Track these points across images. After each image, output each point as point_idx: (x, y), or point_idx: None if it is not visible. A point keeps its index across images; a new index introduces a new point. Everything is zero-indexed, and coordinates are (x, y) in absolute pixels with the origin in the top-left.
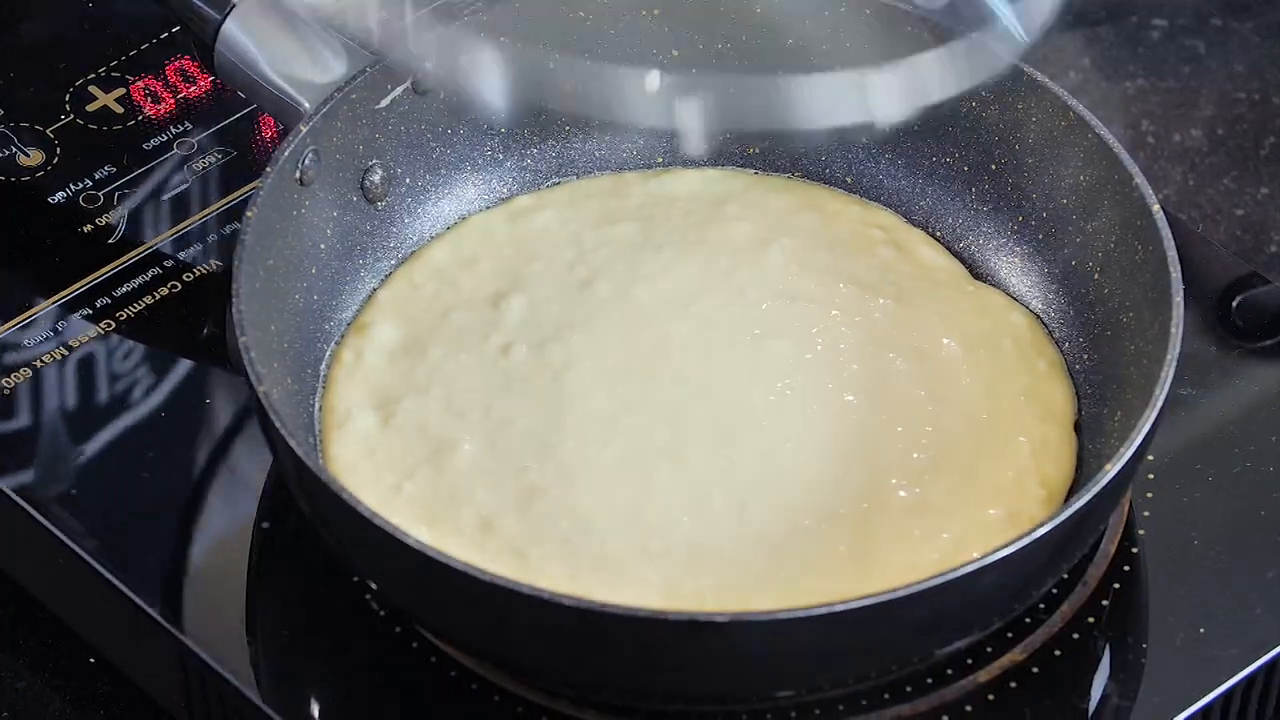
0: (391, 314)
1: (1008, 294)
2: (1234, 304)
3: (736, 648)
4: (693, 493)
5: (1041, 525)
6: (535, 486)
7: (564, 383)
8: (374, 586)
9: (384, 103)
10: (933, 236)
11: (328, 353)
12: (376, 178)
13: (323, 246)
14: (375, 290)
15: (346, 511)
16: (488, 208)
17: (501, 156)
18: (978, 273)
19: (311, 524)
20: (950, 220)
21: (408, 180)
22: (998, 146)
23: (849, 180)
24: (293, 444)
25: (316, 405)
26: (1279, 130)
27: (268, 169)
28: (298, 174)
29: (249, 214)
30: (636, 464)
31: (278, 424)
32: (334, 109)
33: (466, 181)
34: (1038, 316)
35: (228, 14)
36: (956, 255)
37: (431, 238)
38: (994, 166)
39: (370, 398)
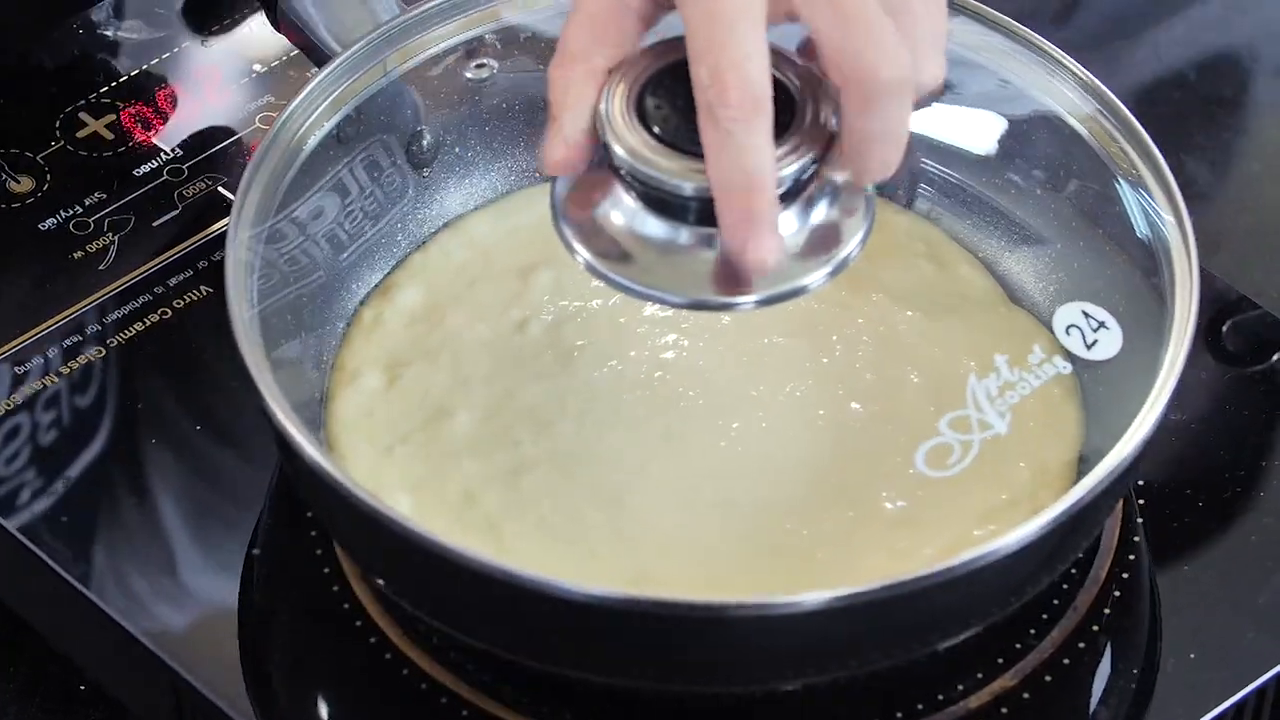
0: (419, 279)
1: (1040, 320)
2: (1224, 329)
3: (665, 634)
4: (682, 484)
5: (1011, 536)
6: (525, 463)
7: (573, 363)
8: (381, 581)
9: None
10: (976, 257)
11: (352, 312)
12: (424, 144)
13: (359, 206)
14: (409, 254)
15: (305, 461)
16: (535, 184)
17: None
18: (1015, 297)
19: (303, 520)
20: (994, 242)
21: (457, 150)
22: (1048, 174)
23: (899, 193)
24: (278, 411)
25: (330, 362)
26: (1267, 157)
27: (286, 120)
28: (335, 130)
29: (256, 164)
30: (631, 450)
31: (261, 387)
32: (379, 71)
33: (518, 157)
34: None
35: None
36: (998, 278)
37: (474, 208)
38: (1040, 191)
39: (381, 359)
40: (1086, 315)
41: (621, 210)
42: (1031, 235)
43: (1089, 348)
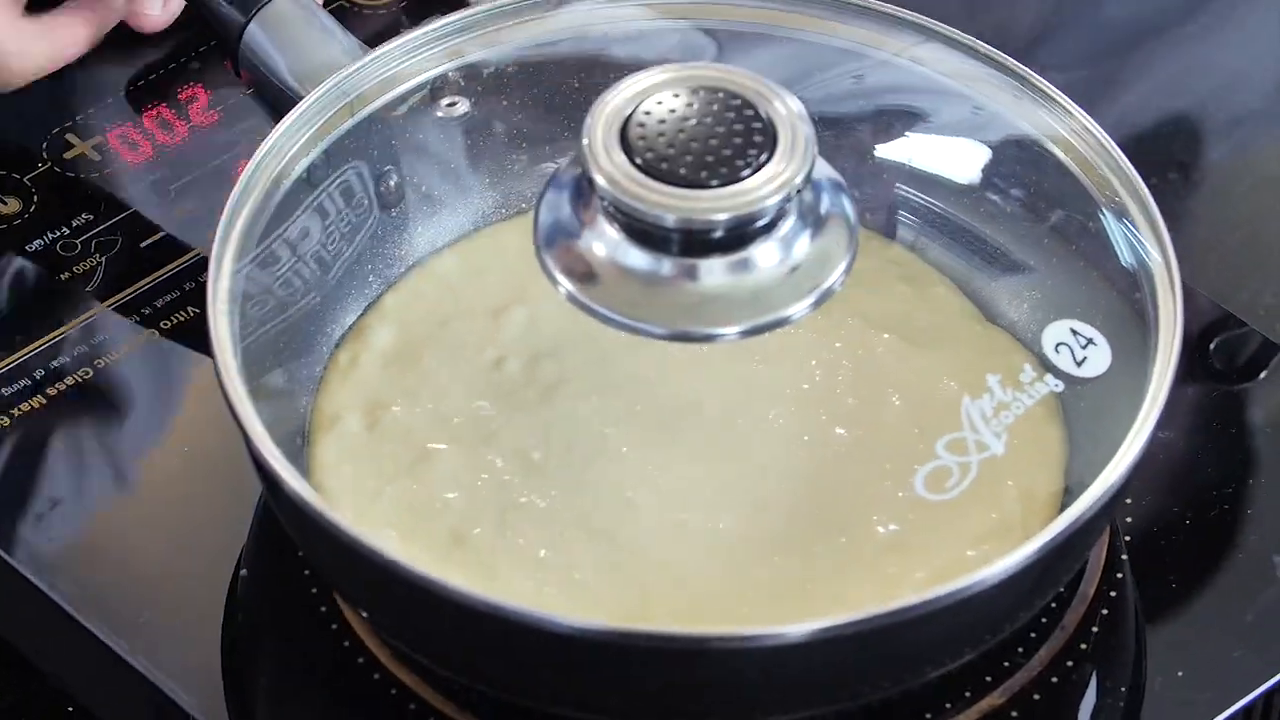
0: (392, 320)
1: (1017, 338)
2: (1211, 347)
3: (674, 670)
4: (670, 516)
5: (997, 566)
6: (512, 501)
7: (553, 398)
8: (364, 614)
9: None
10: (948, 277)
11: (327, 355)
12: (391, 184)
13: (329, 248)
14: (381, 295)
15: (305, 512)
16: (504, 220)
17: (523, 171)
18: (991, 315)
19: (289, 540)
20: (966, 261)
21: (424, 189)
22: (1029, 201)
23: (868, 217)
24: (262, 449)
25: (309, 406)
26: (1256, 172)
27: (260, 162)
28: (305, 174)
29: (233, 207)
30: (617, 484)
31: (245, 423)
32: (346, 112)
33: (485, 194)
34: (1043, 360)
35: (252, 17)
36: (970, 297)
37: (444, 246)
38: (1020, 217)
39: (360, 402)
40: (1075, 332)
41: (604, 241)
42: (1012, 259)
43: (1079, 365)
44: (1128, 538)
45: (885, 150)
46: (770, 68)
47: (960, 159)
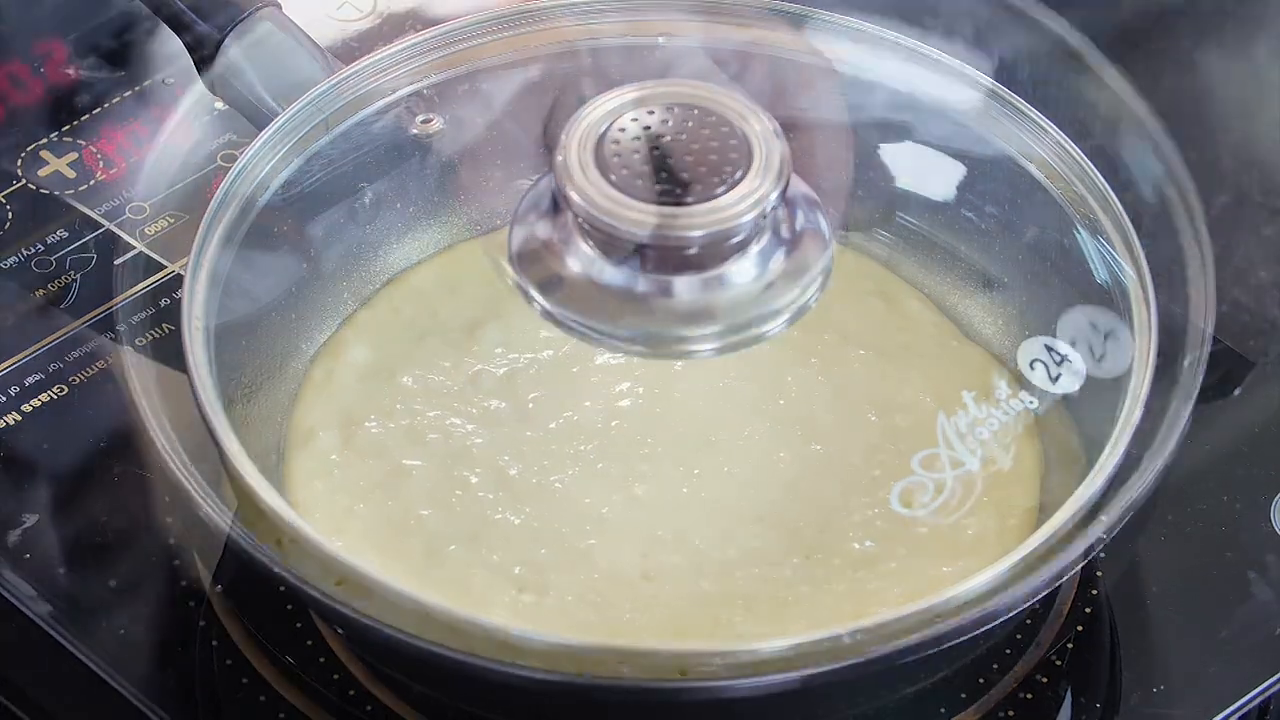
0: (367, 336)
1: (992, 354)
2: (1185, 363)
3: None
4: (644, 531)
5: (973, 582)
6: (486, 517)
7: (527, 414)
8: (339, 630)
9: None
10: (924, 293)
11: (302, 370)
12: (366, 200)
13: (304, 265)
14: (356, 311)
15: (280, 527)
16: (479, 236)
17: (498, 187)
18: (966, 331)
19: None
20: (942, 278)
21: (399, 204)
22: (988, 210)
23: (842, 233)
24: (237, 464)
25: (284, 422)
26: (1229, 190)
27: (236, 178)
28: (280, 190)
29: (208, 223)
30: (591, 499)
31: (220, 439)
32: (321, 129)
33: (460, 210)
34: (1017, 376)
35: (227, 34)
36: (946, 313)
37: (419, 262)
38: (985, 226)
39: (335, 418)
40: (1049, 349)
41: (578, 258)
42: (988, 275)
43: (1054, 381)
44: (1103, 554)
45: (863, 165)
46: (752, 81)
47: (936, 175)
